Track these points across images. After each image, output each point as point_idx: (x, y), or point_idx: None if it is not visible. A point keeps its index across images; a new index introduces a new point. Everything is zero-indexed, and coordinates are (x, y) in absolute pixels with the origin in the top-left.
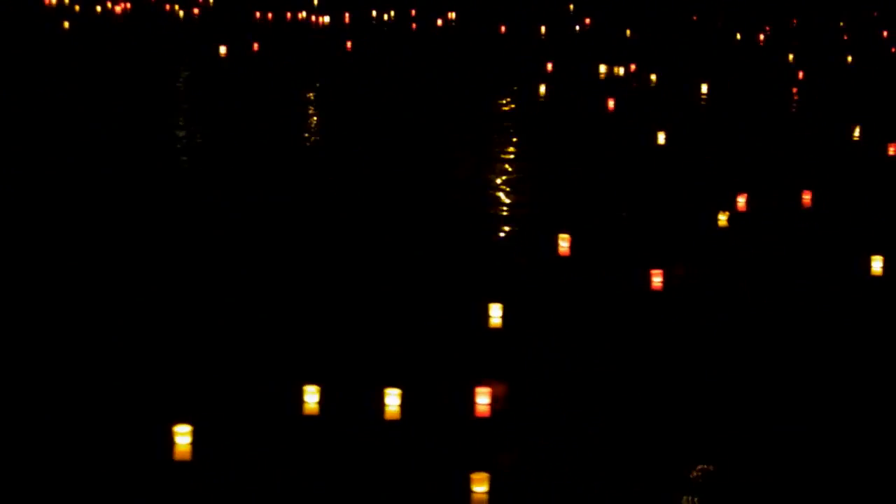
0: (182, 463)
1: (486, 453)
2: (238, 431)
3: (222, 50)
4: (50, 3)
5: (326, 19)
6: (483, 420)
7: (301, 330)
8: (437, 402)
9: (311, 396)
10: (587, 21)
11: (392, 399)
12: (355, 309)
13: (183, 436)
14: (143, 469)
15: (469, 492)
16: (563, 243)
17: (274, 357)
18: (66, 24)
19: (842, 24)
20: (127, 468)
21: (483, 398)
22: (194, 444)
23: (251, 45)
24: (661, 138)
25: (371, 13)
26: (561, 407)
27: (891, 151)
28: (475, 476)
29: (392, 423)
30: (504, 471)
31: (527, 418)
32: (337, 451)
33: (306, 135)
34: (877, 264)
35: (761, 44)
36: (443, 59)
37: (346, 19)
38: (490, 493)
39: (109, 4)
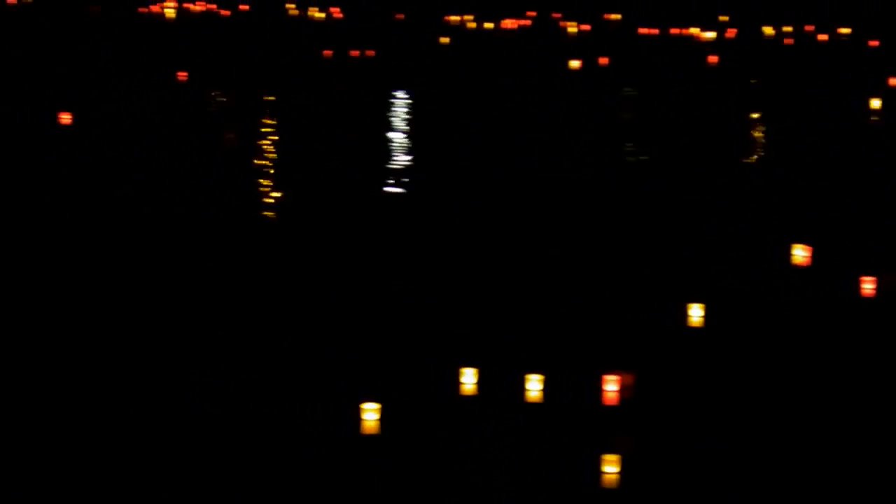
0: (369, 437)
1: (617, 438)
2: (405, 408)
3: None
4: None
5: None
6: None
7: (471, 316)
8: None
9: (469, 378)
10: None
11: (533, 384)
12: (549, 297)
13: (370, 412)
14: (333, 443)
15: (600, 472)
16: (802, 253)
17: (438, 341)
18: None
19: None
20: (317, 442)
21: (611, 386)
22: (381, 420)
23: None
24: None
25: None
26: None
27: None
28: (607, 458)
29: (532, 406)
30: (629, 454)
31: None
32: (487, 429)
33: None
34: None
35: None
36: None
37: None
38: (621, 474)
39: None
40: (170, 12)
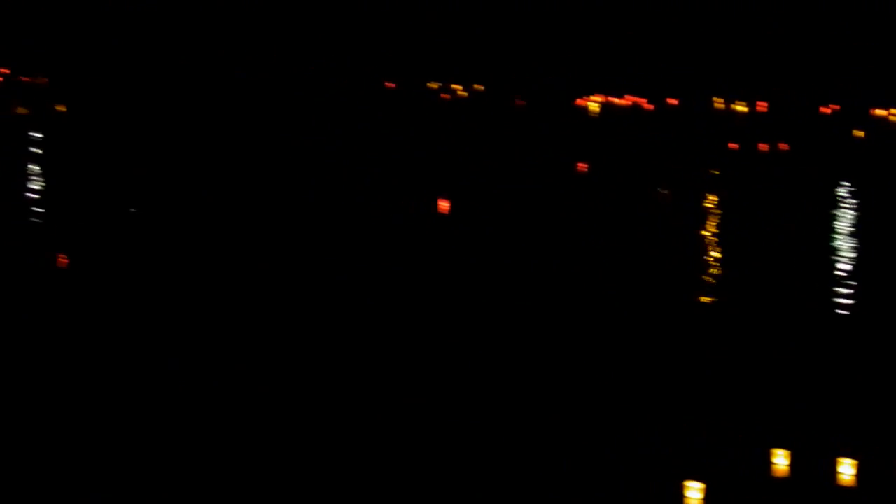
0: None
1: None
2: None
3: None
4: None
5: None
6: None
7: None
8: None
9: (781, 460)
10: None
11: (846, 468)
12: None
13: (694, 490)
14: None
15: None
16: None
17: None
18: None
19: None
20: None
21: None
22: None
23: None
24: None
25: None
26: None
27: None
28: None
29: (845, 489)
30: None
31: None
32: None
33: None
34: None
35: None
36: None
37: None
38: None
39: None
40: (594, 106)
